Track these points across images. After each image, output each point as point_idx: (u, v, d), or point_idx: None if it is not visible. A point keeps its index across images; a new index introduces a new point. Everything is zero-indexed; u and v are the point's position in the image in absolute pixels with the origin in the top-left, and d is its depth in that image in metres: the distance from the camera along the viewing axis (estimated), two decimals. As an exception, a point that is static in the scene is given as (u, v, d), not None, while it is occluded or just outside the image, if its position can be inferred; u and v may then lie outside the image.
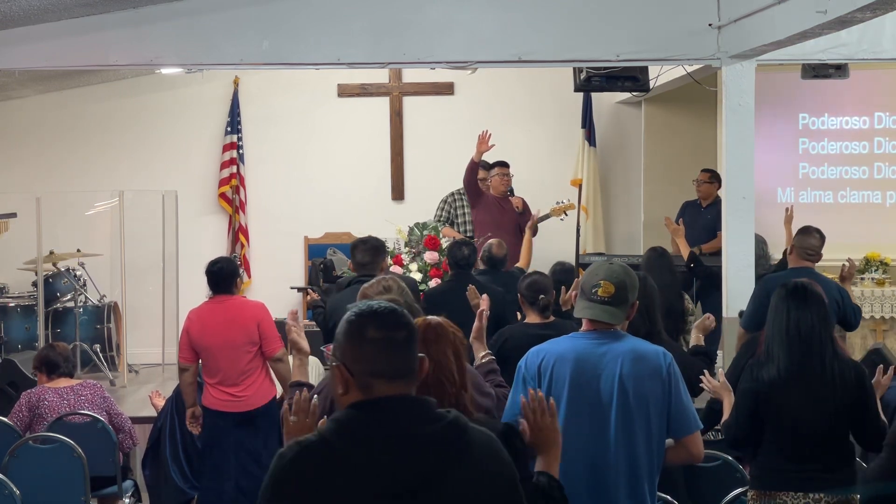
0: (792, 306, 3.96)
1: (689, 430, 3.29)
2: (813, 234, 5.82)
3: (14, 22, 5.93)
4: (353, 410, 2.14)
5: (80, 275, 9.04)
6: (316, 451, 2.10)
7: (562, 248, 9.21)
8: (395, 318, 2.21)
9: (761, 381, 3.91)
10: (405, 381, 2.18)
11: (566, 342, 3.39)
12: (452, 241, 6.56)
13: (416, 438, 2.10)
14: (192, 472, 5.97)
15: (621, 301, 3.32)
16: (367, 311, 2.21)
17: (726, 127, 6.32)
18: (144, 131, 9.99)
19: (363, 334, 2.18)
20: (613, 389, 3.25)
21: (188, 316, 5.80)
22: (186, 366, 5.71)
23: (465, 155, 8.42)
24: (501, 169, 8.48)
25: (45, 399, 5.60)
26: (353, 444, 2.08)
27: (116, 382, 8.58)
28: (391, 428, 2.10)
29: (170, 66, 7.04)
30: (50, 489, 5.13)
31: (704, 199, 8.83)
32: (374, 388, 2.15)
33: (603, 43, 6.31)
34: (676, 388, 3.28)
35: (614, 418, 3.24)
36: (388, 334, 2.17)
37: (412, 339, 2.21)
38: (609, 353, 3.29)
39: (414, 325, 2.25)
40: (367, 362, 2.16)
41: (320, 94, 9.97)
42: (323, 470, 2.07)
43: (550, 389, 3.29)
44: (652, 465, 3.29)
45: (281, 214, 10.02)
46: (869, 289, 8.78)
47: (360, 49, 6.29)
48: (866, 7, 4.46)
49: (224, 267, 5.79)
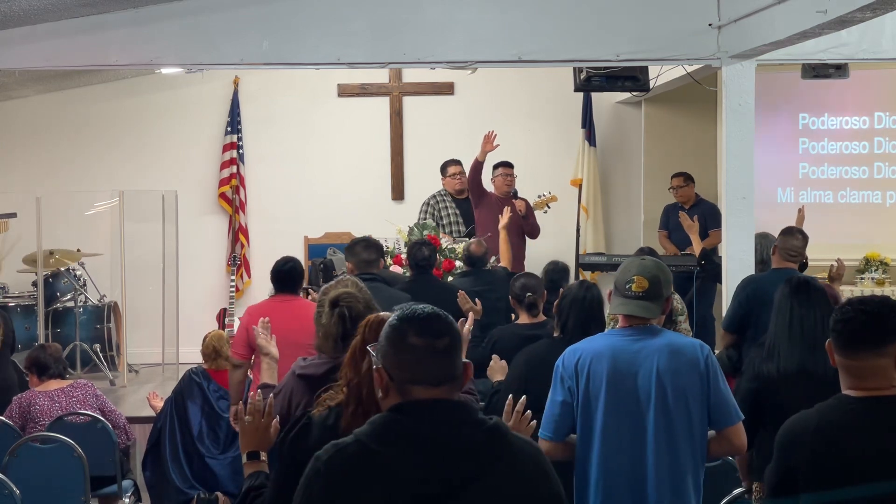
0: (795, 303, 3.98)
1: (730, 422, 3.29)
2: (796, 235, 5.82)
3: (14, 22, 5.93)
4: (391, 413, 2.11)
5: (80, 275, 9.05)
6: (351, 452, 2.07)
7: (562, 248, 9.22)
8: (438, 324, 2.16)
9: (763, 376, 3.92)
10: (447, 387, 2.13)
11: (602, 339, 3.42)
12: (412, 242, 6.59)
13: (452, 442, 2.06)
14: (192, 472, 5.97)
15: (656, 295, 3.33)
16: (409, 315, 2.17)
17: (726, 127, 6.32)
18: (144, 131, 9.99)
19: (405, 340, 2.14)
20: (651, 385, 3.26)
21: (247, 311, 5.74)
22: (240, 362, 5.61)
23: (465, 155, 8.43)
24: (505, 169, 8.48)
25: (35, 403, 5.60)
26: (388, 446, 2.06)
27: (116, 382, 8.58)
28: (427, 431, 2.07)
29: (170, 66, 7.04)
30: (50, 489, 5.13)
31: (685, 202, 8.86)
32: (413, 394, 2.12)
33: (603, 43, 6.30)
34: (715, 379, 3.28)
35: (653, 414, 3.25)
36: (430, 342, 2.13)
37: (454, 346, 2.16)
38: (645, 348, 3.30)
39: (458, 331, 2.20)
40: (408, 369, 2.13)
41: (320, 94, 9.97)
42: (357, 472, 2.05)
43: (588, 387, 3.31)
44: (695, 459, 3.29)
45: (281, 214, 10.02)
46: (869, 289, 8.78)
47: (360, 49, 6.29)
48: (866, 7, 4.46)
49: (294, 267, 5.72)
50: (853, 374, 2.72)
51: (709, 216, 8.47)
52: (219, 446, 6.08)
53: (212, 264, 10.03)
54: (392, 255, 7.58)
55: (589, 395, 3.32)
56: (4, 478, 4.60)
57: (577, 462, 3.39)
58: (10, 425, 5.54)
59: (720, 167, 6.67)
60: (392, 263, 7.45)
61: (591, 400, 3.32)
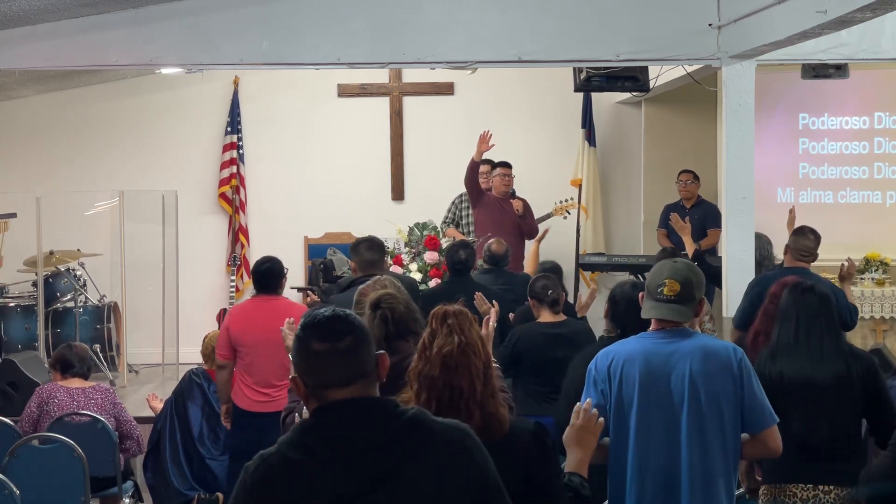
0: (801, 304, 3.98)
1: (765, 425, 3.27)
2: (807, 234, 5.82)
3: (14, 22, 5.93)
4: (310, 419, 2.18)
5: (80, 275, 9.04)
6: (272, 462, 2.14)
7: (562, 248, 9.22)
8: (338, 325, 2.20)
9: (768, 376, 3.92)
10: (360, 384, 2.18)
11: (634, 342, 3.39)
12: (451, 243, 6.57)
13: (370, 438, 2.11)
14: (192, 473, 5.97)
15: (688, 298, 3.31)
16: (310, 322, 2.22)
17: (726, 127, 6.32)
18: (144, 131, 9.99)
19: (309, 347, 2.19)
20: (684, 388, 3.24)
21: (230, 312, 5.82)
22: (224, 363, 5.67)
23: (466, 155, 8.42)
24: (504, 169, 8.48)
25: (55, 396, 5.60)
26: (302, 451, 2.11)
27: (116, 382, 8.57)
28: (337, 431, 2.12)
29: (170, 66, 7.04)
30: (50, 489, 5.13)
31: (688, 200, 8.86)
32: (328, 397, 2.17)
33: (603, 43, 6.30)
34: (749, 382, 3.26)
35: (686, 417, 3.24)
36: (331, 345, 2.17)
37: (359, 343, 2.20)
38: (678, 351, 3.28)
39: (362, 327, 2.23)
40: (316, 374, 2.18)
41: (320, 94, 9.97)
42: (278, 480, 2.11)
43: (621, 390, 3.30)
44: (727, 463, 3.28)
45: (281, 214, 10.02)
46: (869, 289, 8.78)
47: (360, 49, 6.29)
48: (866, 7, 4.46)
49: (271, 267, 5.76)
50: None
51: (709, 216, 8.47)
52: (219, 447, 6.09)
53: (212, 264, 10.03)
54: (392, 255, 7.58)
55: (622, 398, 3.30)
56: (4, 478, 4.60)
57: (612, 464, 3.36)
58: (11, 425, 5.54)
59: (720, 167, 6.67)
60: (392, 264, 7.45)
61: (625, 402, 3.30)
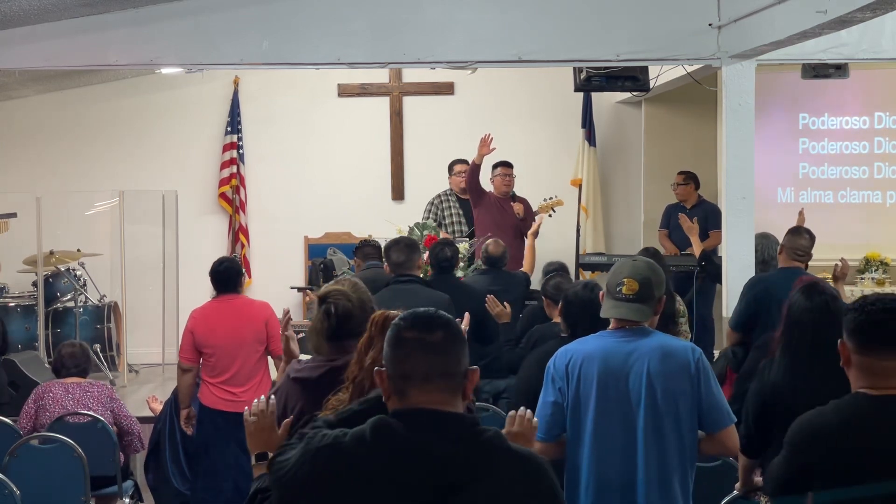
0: (808, 308, 3.93)
1: (722, 425, 3.29)
2: (803, 234, 5.81)
3: (14, 22, 5.93)
4: (381, 418, 2.12)
5: (80, 275, 9.04)
6: (345, 449, 2.10)
7: (562, 248, 9.21)
8: (433, 320, 2.17)
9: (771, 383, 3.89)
10: (442, 386, 2.12)
11: (594, 341, 3.39)
12: (436, 242, 6.56)
13: (438, 453, 2.06)
14: (192, 473, 5.97)
15: (647, 297, 3.32)
16: (409, 314, 2.20)
17: (726, 127, 6.32)
18: (144, 131, 9.99)
19: (399, 335, 2.16)
20: (642, 387, 3.25)
21: (192, 315, 5.78)
22: (189, 367, 5.70)
23: (466, 155, 8.43)
24: (504, 169, 8.47)
25: (50, 391, 5.61)
26: (372, 450, 2.07)
27: (116, 382, 8.57)
28: (411, 440, 2.07)
29: (170, 66, 7.03)
30: (50, 489, 5.13)
31: (686, 201, 8.86)
32: (408, 393, 2.12)
33: (603, 43, 6.30)
34: (706, 383, 3.26)
35: (643, 416, 3.24)
36: (421, 335, 2.14)
37: (450, 343, 2.15)
38: (636, 350, 3.29)
39: (458, 332, 2.19)
40: (400, 364, 2.14)
41: (320, 94, 9.97)
42: (337, 472, 2.08)
43: (578, 389, 3.30)
44: (683, 462, 3.28)
45: (281, 214, 10.02)
46: (869, 289, 8.77)
47: (360, 49, 6.29)
48: (866, 7, 4.46)
49: (230, 267, 5.83)
50: (870, 373, 2.74)
51: (710, 217, 8.47)
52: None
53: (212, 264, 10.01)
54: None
55: (579, 397, 3.32)
56: (4, 478, 4.59)
57: (568, 462, 3.38)
58: (11, 425, 5.54)
59: (720, 167, 6.67)
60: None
61: (582, 401, 3.31)
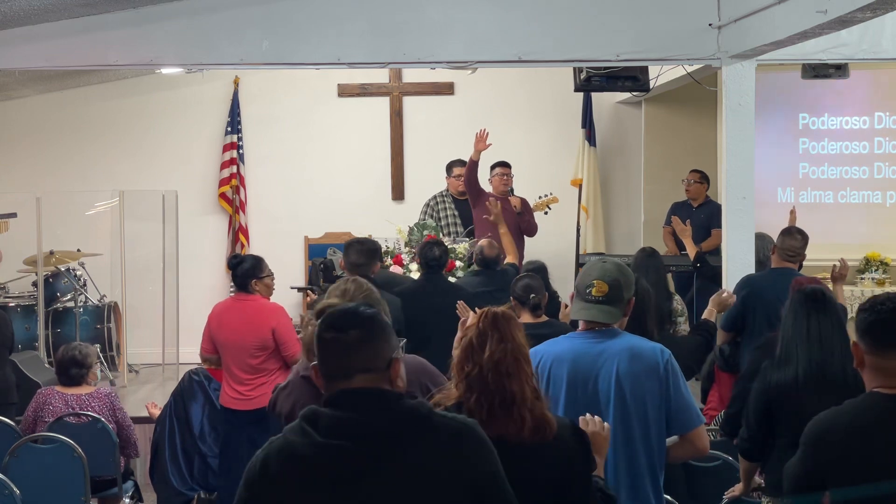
0: (811, 310, 3.93)
1: (691, 426, 3.28)
2: (794, 235, 5.81)
3: (14, 22, 5.93)
4: (310, 408, 2.29)
5: (80, 275, 9.04)
6: (275, 445, 2.29)
7: (562, 247, 9.23)
8: (347, 319, 2.32)
9: (775, 384, 3.88)
10: (362, 379, 2.27)
11: (563, 342, 3.38)
12: (424, 242, 6.55)
13: (364, 425, 2.20)
14: (192, 473, 5.98)
15: (616, 299, 3.31)
16: (328, 314, 2.37)
17: (726, 127, 6.32)
18: (144, 131, 9.99)
19: (320, 335, 2.33)
20: (611, 389, 3.24)
21: (213, 308, 5.81)
22: (208, 357, 5.74)
23: (466, 155, 8.42)
24: (503, 169, 8.47)
25: (49, 403, 5.55)
26: (302, 434, 2.23)
27: (116, 382, 8.57)
28: (337, 417, 2.21)
29: (170, 66, 7.03)
30: (50, 489, 5.13)
31: (694, 200, 8.85)
32: (334, 388, 2.28)
33: (603, 43, 6.31)
34: (675, 384, 3.25)
35: (612, 418, 3.23)
36: (337, 335, 2.30)
37: (366, 339, 2.30)
38: (605, 352, 3.28)
39: (372, 325, 2.32)
40: (322, 363, 2.32)
41: (320, 94, 9.97)
42: (280, 461, 2.24)
43: (548, 390, 3.28)
44: (652, 463, 3.28)
45: (281, 214, 10.02)
46: (869, 289, 8.78)
47: (360, 49, 6.29)
48: (866, 7, 4.46)
49: (240, 264, 5.73)
50: (884, 373, 2.74)
51: (714, 216, 8.46)
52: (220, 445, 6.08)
53: (212, 264, 10.03)
54: (392, 255, 7.58)
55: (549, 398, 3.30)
56: (4, 478, 4.60)
57: None
58: (11, 425, 5.54)
59: (720, 167, 6.67)
60: (392, 263, 7.45)
61: (552, 403, 3.29)
